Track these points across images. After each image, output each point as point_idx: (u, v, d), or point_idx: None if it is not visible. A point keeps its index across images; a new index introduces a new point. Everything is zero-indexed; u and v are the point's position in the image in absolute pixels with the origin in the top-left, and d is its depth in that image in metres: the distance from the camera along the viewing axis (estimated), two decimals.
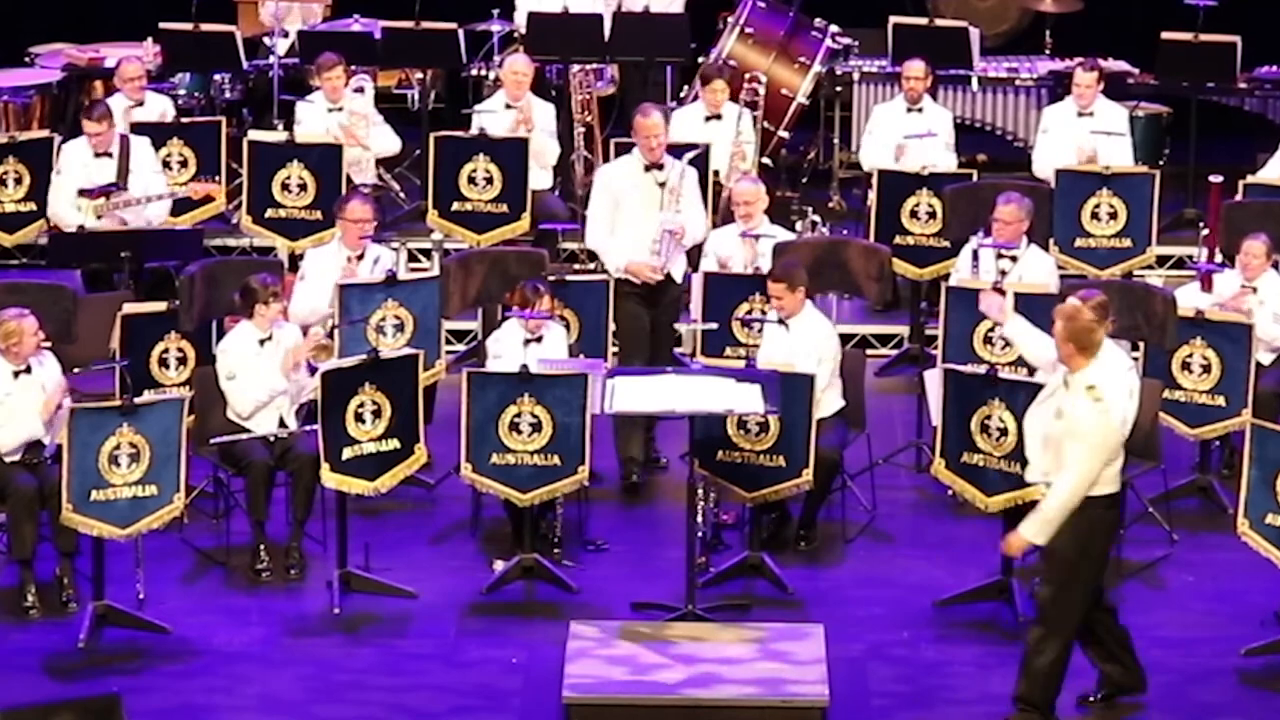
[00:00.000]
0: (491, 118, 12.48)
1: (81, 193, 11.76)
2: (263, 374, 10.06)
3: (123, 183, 11.82)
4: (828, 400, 10.07)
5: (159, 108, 12.82)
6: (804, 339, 10.12)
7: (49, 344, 9.78)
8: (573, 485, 9.71)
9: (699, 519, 9.44)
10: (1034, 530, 8.25)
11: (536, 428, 9.60)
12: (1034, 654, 8.35)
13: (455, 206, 12.10)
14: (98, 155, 11.92)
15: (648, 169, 10.71)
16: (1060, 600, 8.31)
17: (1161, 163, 13.27)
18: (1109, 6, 14.80)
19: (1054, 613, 8.32)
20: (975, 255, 10.87)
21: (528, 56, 12.80)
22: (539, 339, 10.16)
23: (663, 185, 10.70)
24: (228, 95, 13.72)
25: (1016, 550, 8.48)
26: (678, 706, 8.59)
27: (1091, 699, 8.69)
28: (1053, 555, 8.30)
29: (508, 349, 10.16)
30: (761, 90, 13.20)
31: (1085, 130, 12.47)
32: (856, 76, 13.94)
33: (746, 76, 13.31)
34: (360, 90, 12.77)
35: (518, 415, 9.59)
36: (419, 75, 13.96)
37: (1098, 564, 8.35)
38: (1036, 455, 8.42)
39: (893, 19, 13.70)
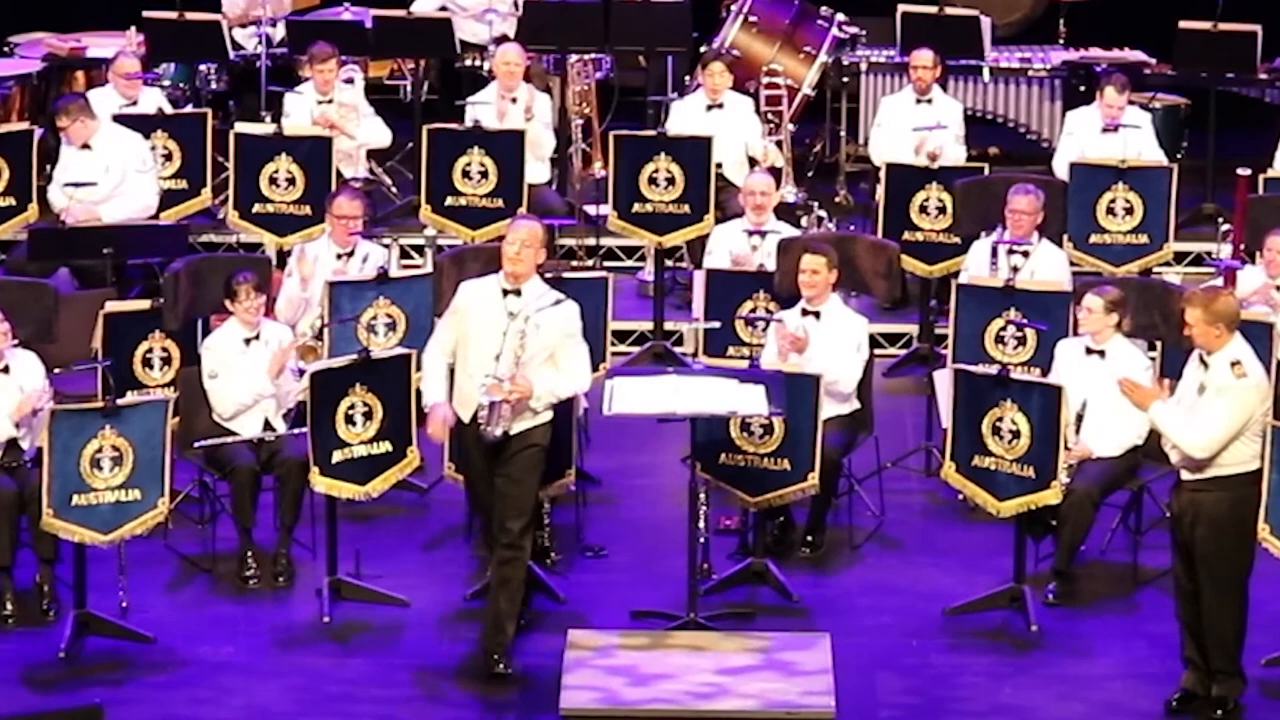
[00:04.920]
0: (486, 110, 12.37)
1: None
2: (246, 374, 9.97)
3: None
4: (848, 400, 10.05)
5: (154, 104, 12.65)
6: (835, 326, 10.03)
7: (17, 341, 9.65)
8: (560, 489, 9.55)
9: (700, 524, 9.31)
10: (1162, 412, 8.55)
11: None
12: (1215, 624, 8.59)
13: (449, 201, 12.05)
14: (81, 148, 11.81)
15: (506, 293, 8.85)
16: (1227, 572, 8.56)
17: (1179, 156, 13.22)
18: None
19: (1224, 585, 8.57)
20: (994, 251, 10.78)
21: (520, 46, 12.66)
22: None
23: (513, 315, 8.82)
24: (213, 86, 13.57)
25: (1145, 398, 8.63)
26: (679, 719, 8.54)
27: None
28: (1214, 533, 8.51)
29: None
30: (780, 84, 13.21)
31: (1110, 140, 12.27)
32: (864, 67, 13.87)
33: (763, 70, 13.19)
34: (349, 81, 12.75)
35: None
36: (411, 66, 13.86)
37: (1250, 537, 8.63)
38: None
39: (901, 7, 13.65)
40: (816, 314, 10.09)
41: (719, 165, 12.18)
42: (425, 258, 12.36)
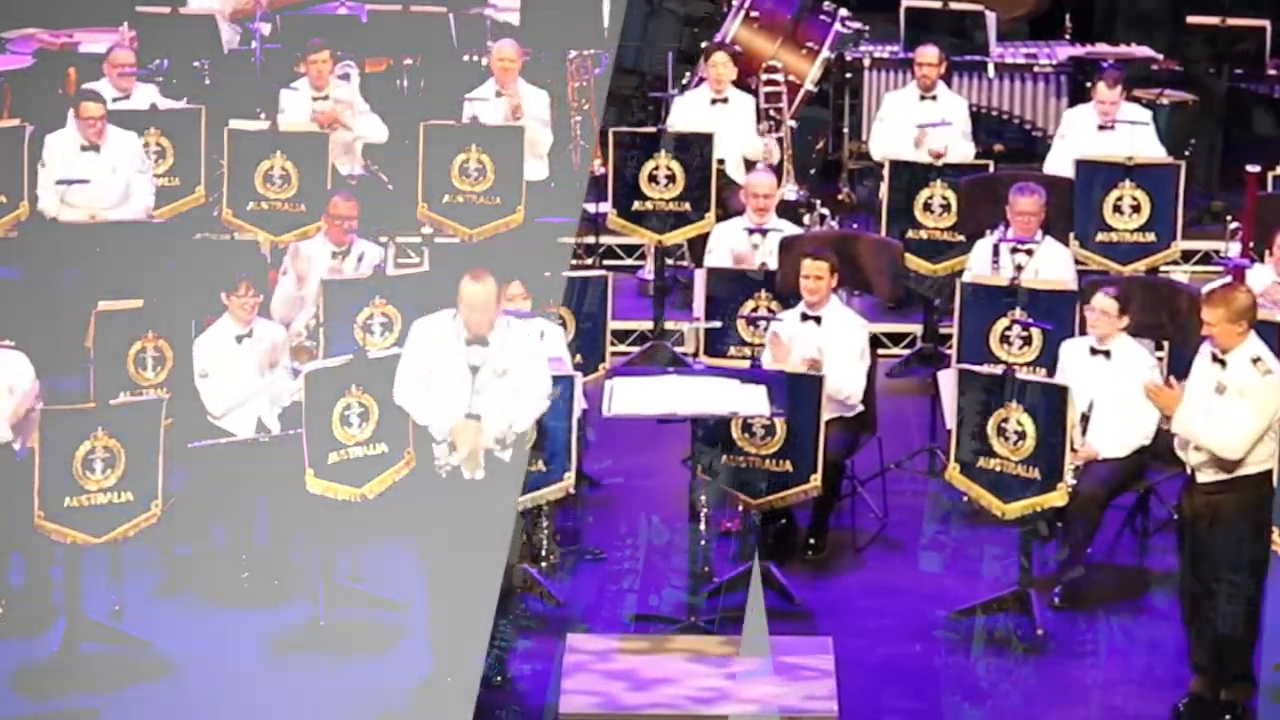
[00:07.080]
0: (484, 105, 12.26)
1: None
2: (238, 372, 9.93)
3: None
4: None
5: (147, 100, 12.54)
6: (836, 334, 10.00)
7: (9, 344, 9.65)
8: (559, 492, 9.50)
9: (701, 526, 9.26)
10: (1189, 417, 8.38)
11: None
12: (1227, 628, 8.54)
13: (447, 199, 11.96)
14: (85, 149, 11.67)
15: (470, 343, 8.60)
16: (1241, 575, 8.50)
17: (1187, 153, 13.05)
18: None
19: (1238, 588, 8.51)
20: (996, 250, 10.74)
21: (516, 42, 12.58)
22: None
23: (476, 369, 8.57)
24: (207, 81, 13.46)
25: (1170, 402, 8.49)
26: None
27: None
28: (1230, 534, 8.45)
29: None
30: (780, 80, 13.18)
31: (1106, 138, 12.20)
32: (867, 62, 13.85)
33: (762, 67, 13.12)
34: (345, 77, 12.67)
35: None
36: (408, 61, 13.72)
37: (1264, 538, 8.53)
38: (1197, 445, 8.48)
39: (905, 2, 13.63)
40: (817, 319, 10.05)
41: (721, 162, 12.14)
42: (422, 256, 12.31)
